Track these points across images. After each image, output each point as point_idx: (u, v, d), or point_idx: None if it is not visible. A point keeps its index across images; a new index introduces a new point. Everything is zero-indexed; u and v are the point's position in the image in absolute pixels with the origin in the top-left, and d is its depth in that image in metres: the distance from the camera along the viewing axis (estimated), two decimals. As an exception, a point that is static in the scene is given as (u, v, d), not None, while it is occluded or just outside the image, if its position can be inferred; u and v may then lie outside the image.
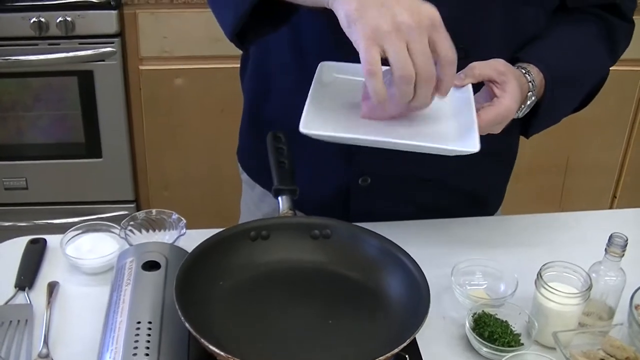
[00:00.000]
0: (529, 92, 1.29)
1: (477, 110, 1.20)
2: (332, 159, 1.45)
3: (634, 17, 1.46)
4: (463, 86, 1.23)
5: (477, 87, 1.26)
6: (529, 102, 1.30)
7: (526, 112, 1.32)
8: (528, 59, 1.32)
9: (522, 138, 1.51)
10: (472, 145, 1.12)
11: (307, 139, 1.14)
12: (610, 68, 1.47)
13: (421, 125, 1.19)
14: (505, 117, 1.22)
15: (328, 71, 1.28)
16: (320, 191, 1.46)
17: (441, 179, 1.49)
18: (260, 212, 1.60)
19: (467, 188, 1.54)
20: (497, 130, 1.24)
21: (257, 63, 1.52)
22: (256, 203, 1.63)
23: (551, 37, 1.38)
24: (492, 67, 1.24)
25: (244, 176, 1.66)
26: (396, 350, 0.99)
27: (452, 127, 1.20)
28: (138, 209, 2.95)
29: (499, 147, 1.51)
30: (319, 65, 1.27)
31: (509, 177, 1.65)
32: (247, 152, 1.65)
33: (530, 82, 1.29)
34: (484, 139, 1.25)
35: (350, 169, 1.45)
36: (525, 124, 1.41)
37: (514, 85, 1.23)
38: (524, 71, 1.29)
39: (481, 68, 1.24)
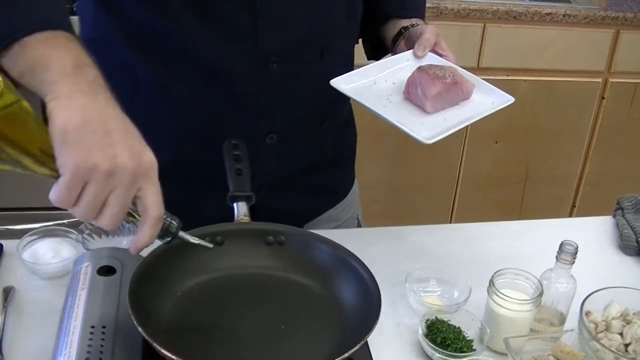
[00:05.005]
0: None
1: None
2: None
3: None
4: (424, 56, 1.39)
5: None
6: None
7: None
8: (410, 15, 1.50)
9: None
10: (508, 98, 1.32)
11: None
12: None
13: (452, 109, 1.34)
14: None
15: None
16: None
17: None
18: None
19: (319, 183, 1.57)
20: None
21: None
22: None
23: None
24: (433, 33, 1.41)
25: None
26: (346, 355, 1.00)
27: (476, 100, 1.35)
28: (99, 215, 2.93)
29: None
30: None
31: (354, 156, 1.69)
32: None
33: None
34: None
35: None
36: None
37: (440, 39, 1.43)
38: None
39: (428, 37, 1.40)
